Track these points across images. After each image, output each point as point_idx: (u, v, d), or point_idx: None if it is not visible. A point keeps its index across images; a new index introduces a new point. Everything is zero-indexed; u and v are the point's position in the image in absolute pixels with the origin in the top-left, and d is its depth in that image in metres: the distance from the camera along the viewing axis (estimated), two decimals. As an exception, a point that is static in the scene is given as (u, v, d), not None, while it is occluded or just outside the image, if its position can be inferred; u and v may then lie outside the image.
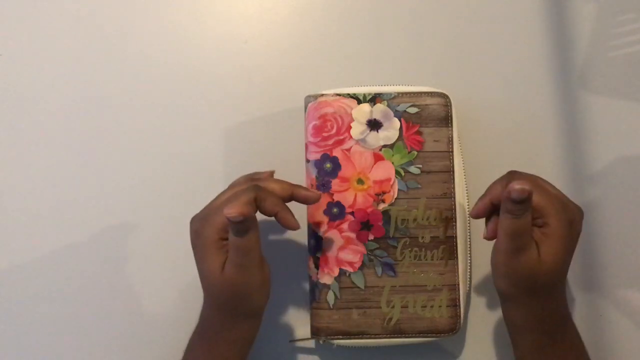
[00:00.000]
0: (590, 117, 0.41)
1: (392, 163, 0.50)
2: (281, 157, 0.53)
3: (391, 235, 0.49)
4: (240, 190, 0.43)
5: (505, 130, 0.48)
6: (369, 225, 0.49)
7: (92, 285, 0.53)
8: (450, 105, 0.51)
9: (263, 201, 0.42)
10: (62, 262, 0.53)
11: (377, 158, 0.50)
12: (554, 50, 0.56)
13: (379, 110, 0.50)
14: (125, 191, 0.54)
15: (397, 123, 0.50)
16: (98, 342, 0.52)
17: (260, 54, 0.57)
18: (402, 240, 0.49)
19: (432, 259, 0.49)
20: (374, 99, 0.51)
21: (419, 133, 0.50)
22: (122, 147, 0.55)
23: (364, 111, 0.50)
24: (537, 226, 0.42)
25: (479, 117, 0.54)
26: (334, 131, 0.50)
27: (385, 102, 0.51)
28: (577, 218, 0.44)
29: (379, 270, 0.49)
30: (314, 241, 0.49)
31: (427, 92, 0.51)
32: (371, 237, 0.49)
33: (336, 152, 0.50)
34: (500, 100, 0.44)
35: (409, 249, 0.49)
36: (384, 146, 0.50)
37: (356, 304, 0.48)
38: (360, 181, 0.50)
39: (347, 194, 0.49)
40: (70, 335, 0.52)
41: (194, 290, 0.46)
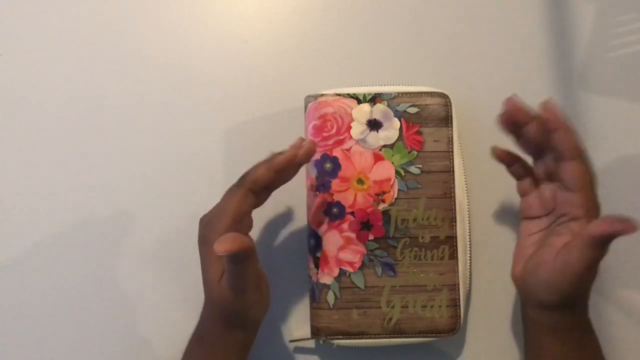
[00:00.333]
0: (590, 117, 0.41)
1: (392, 163, 0.50)
2: (281, 157, 0.53)
3: (391, 235, 0.49)
4: (231, 193, 0.43)
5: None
6: (369, 225, 0.49)
7: (91, 285, 0.53)
8: (450, 105, 0.51)
9: (257, 183, 0.42)
10: (61, 262, 0.53)
11: (377, 158, 0.50)
12: (554, 50, 0.56)
13: (379, 110, 0.50)
14: (125, 191, 0.54)
15: (397, 123, 0.50)
16: (96, 343, 0.52)
17: (260, 54, 0.57)
18: (402, 240, 0.49)
19: (432, 259, 0.49)
20: (374, 99, 0.51)
21: (419, 133, 0.50)
22: (122, 147, 0.55)
23: (364, 111, 0.50)
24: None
25: (479, 117, 0.54)
26: (334, 131, 0.50)
27: (385, 102, 0.51)
28: None
29: (379, 270, 0.49)
30: (314, 241, 0.49)
31: (427, 92, 0.51)
32: (371, 237, 0.49)
33: (336, 152, 0.50)
34: (500, 100, 0.44)
35: (409, 249, 0.49)
36: (384, 146, 0.50)
37: (356, 304, 0.48)
38: (360, 181, 0.50)
39: (347, 194, 0.49)
40: (67, 337, 0.52)
41: (194, 291, 0.46)
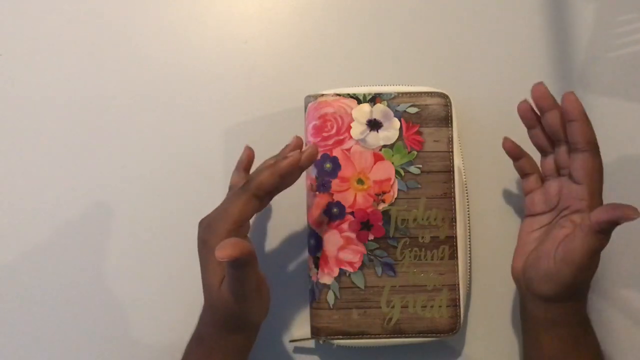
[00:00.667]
0: (590, 117, 0.41)
1: (392, 163, 0.50)
2: (281, 157, 0.53)
3: (391, 235, 0.49)
4: (235, 196, 0.43)
5: (505, 130, 0.48)
6: (369, 225, 0.49)
7: (90, 286, 0.53)
8: (450, 105, 0.51)
9: (261, 188, 0.42)
10: (60, 262, 0.53)
11: (377, 158, 0.50)
12: (554, 50, 0.56)
13: (379, 110, 0.50)
14: (125, 191, 0.54)
15: (397, 123, 0.50)
16: (94, 344, 0.52)
17: (260, 54, 0.57)
18: (402, 240, 0.49)
19: (432, 259, 0.49)
20: (374, 99, 0.51)
21: (419, 133, 0.50)
22: (122, 147, 0.55)
23: (364, 111, 0.50)
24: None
25: (479, 117, 0.54)
26: (334, 131, 0.50)
27: (385, 102, 0.51)
28: None
29: (379, 270, 0.49)
30: (314, 241, 0.49)
31: (427, 92, 0.51)
32: (371, 237, 0.49)
33: (336, 152, 0.50)
34: (500, 100, 0.44)
35: (409, 249, 0.49)
36: (384, 146, 0.50)
37: (356, 304, 0.48)
38: (360, 181, 0.50)
39: (347, 194, 0.49)
40: (66, 338, 0.52)
41: (194, 292, 0.46)
